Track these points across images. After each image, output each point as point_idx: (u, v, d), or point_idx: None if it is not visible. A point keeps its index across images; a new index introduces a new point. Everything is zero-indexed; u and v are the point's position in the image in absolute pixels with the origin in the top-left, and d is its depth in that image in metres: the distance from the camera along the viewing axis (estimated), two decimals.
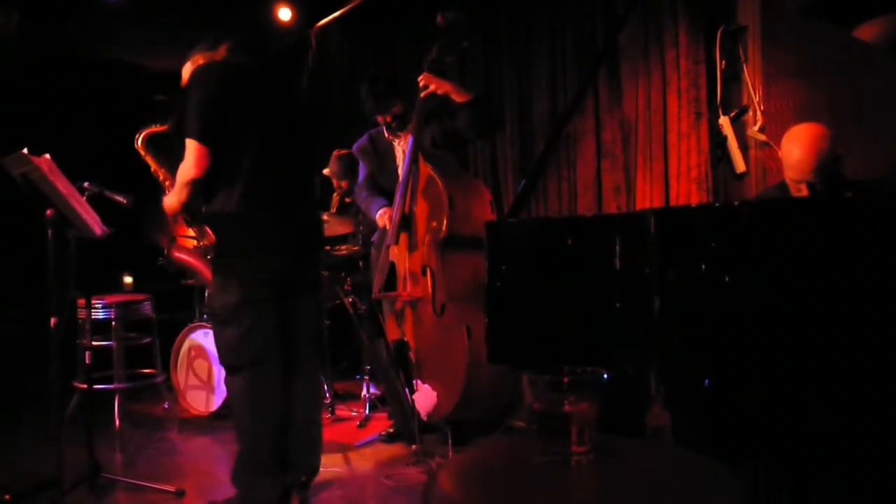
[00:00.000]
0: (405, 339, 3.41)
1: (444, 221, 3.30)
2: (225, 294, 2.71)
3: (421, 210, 3.42)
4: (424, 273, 3.38)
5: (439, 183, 3.33)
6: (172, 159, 2.84)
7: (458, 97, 3.37)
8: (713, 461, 1.26)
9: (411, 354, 3.34)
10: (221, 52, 2.74)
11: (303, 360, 2.88)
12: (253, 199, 2.66)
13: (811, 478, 1.77)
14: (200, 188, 2.67)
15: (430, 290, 3.34)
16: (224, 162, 2.64)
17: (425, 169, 3.39)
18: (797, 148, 2.50)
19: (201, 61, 2.73)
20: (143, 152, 2.99)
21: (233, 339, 2.70)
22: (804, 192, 2.51)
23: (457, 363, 3.20)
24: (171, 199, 2.76)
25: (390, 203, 3.63)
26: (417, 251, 3.43)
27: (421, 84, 3.35)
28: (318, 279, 3.02)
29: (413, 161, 3.40)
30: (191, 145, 2.61)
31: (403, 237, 3.45)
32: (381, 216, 3.62)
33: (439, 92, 3.36)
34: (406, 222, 3.44)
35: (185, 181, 2.65)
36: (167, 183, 2.95)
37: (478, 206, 3.40)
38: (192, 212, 2.80)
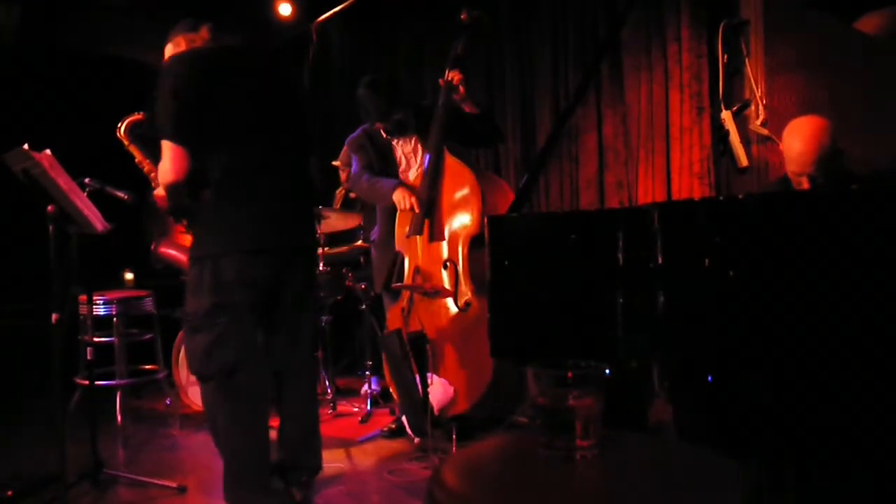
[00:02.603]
0: (423, 331, 3.41)
1: (478, 216, 3.31)
2: (196, 298, 2.50)
3: (447, 203, 3.42)
4: (446, 266, 3.38)
5: (472, 178, 3.36)
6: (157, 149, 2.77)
7: (469, 108, 3.46)
8: (717, 455, 1.26)
9: (428, 348, 3.33)
10: (203, 35, 2.59)
11: (295, 365, 2.74)
12: (233, 195, 2.46)
13: (814, 471, 1.76)
14: (186, 188, 2.45)
15: (451, 283, 3.34)
16: (206, 154, 2.44)
17: (453, 162, 3.40)
18: (798, 141, 2.50)
19: (183, 45, 2.58)
20: (126, 142, 2.92)
21: (202, 346, 2.49)
22: (805, 185, 2.50)
23: (483, 360, 3.20)
24: (160, 195, 2.59)
25: (403, 184, 3.60)
26: (437, 243, 3.43)
27: (455, 80, 3.38)
28: (311, 279, 2.80)
29: (438, 153, 3.41)
30: (166, 146, 2.40)
31: (424, 228, 3.46)
32: (403, 197, 3.49)
33: (460, 93, 3.42)
34: (430, 212, 3.44)
35: (165, 184, 2.44)
36: (152, 175, 2.87)
37: (503, 203, 3.44)
38: (181, 209, 2.61)
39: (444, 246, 3.42)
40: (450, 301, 3.36)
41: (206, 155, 2.45)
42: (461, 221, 3.37)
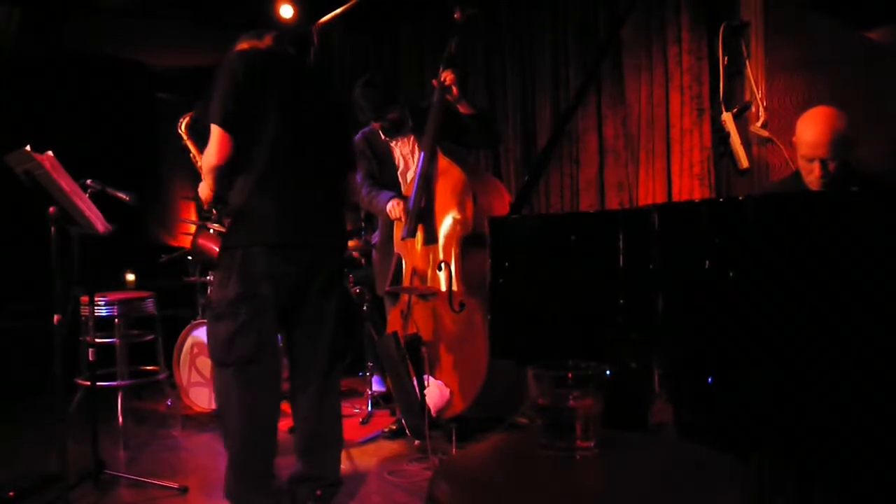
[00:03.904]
0: (418, 333, 3.40)
1: (469, 217, 3.31)
2: (223, 288, 2.57)
3: (439, 204, 3.42)
4: (440, 268, 3.38)
5: (463, 178, 3.35)
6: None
7: (464, 109, 3.45)
8: (719, 454, 1.26)
9: (423, 350, 3.33)
10: (267, 41, 2.70)
11: (317, 367, 2.72)
12: (266, 192, 2.54)
13: (815, 471, 1.77)
14: (226, 175, 2.56)
15: (446, 285, 3.34)
16: (246, 150, 2.54)
17: (445, 163, 3.40)
18: (811, 126, 2.49)
19: (245, 47, 2.68)
20: (185, 136, 2.99)
21: (224, 334, 2.56)
22: (816, 172, 2.48)
23: (477, 360, 3.20)
24: (202, 187, 2.65)
25: (398, 195, 3.63)
26: (432, 245, 3.43)
27: (448, 81, 3.37)
28: (336, 281, 2.80)
29: (431, 154, 3.41)
30: (214, 131, 2.51)
31: (418, 230, 3.46)
32: (394, 207, 3.55)
33: (453, 94, 3.41)
34: (423, 214, 3.44)
35: (208, 168, 2.55)
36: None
37: (498, 204, 3.42)
38: (224, 201, 2.67)
39: (440, 247, 3.42)
40: (444, 302, 3.36)
41: (247, 149, 2.54)
42: (452, 223, 3.37)
